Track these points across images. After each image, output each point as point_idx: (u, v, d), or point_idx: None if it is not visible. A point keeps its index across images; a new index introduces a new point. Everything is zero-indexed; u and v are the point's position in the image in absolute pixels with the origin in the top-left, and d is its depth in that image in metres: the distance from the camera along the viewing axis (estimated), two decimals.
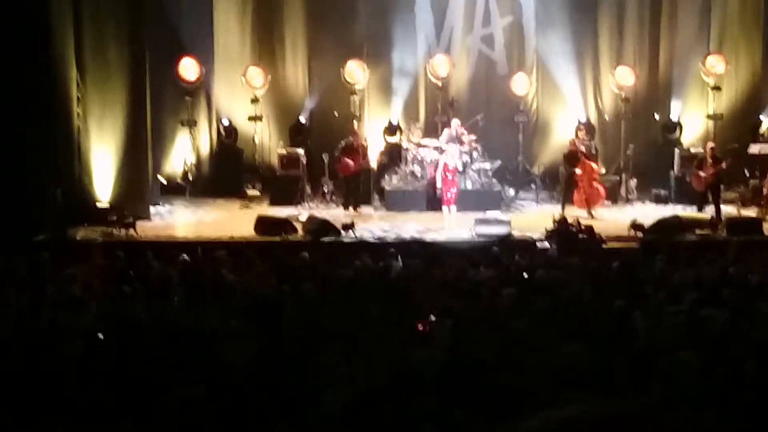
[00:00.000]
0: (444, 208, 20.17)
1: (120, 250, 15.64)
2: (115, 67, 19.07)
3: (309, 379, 8.08)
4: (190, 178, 22.24)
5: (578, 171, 20.29)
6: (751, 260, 14.26)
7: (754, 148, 21.72)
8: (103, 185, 19.10)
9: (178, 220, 20.06)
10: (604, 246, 16.76)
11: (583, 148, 20.72)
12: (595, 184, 20.43)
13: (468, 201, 20.36)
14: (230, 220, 19.69)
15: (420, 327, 10.31)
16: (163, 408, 7.44)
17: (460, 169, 20.46)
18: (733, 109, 22.62)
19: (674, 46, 22.96)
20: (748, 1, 22.66)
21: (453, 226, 18.94)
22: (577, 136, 21.65)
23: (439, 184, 20.31)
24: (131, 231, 17.98)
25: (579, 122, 22.40)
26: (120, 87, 19.08)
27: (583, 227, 17.34)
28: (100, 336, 9.76)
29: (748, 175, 21.28)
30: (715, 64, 22.28)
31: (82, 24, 18.94)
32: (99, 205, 18.96)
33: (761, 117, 22.38)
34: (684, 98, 22.74)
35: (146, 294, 12.08)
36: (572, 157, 20.58)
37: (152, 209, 20.00)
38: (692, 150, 21.71)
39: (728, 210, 19.75)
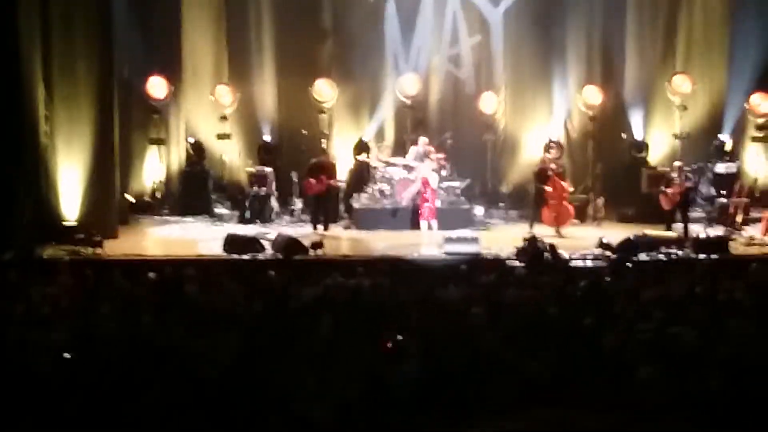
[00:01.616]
0: (422, 222, 20.16)
1: (87, 268, 15.55)
2: (83, 84, 18.99)
3: (280, 395, 8.08)
4: (159, 196, 22.21)
5: (549, 189, 20.36)
6: (718, 278, 14.33)
7: (720, 167, 21.86)
8: (71, 203, 19.00)
9: (146, 239, 19.98)
10: (569, 264, 16.83)
11: (554, 166, 20.82)
12: (564, 202, 20.51)
13: (437, 219, 20.40)
14: (198, 239, 19.65)
15: (388, 345, 10.31)
16: (133, 424, 7.43)
17: (435, 184, 20.46)
18: (699, 129, 22.78)
19: (641, 66, 23.08)
20: (713, 22, 22.83)
21: (432, 241, 18.93)
22: (547, 153, 21.74)
23: (417, 200, 20.30)
24: (99, 249, 17.90)
25: (549, 140, 22.50)
26: (88, 105, 19.00)
27: (547, 245, 17.42)
28: (68, 355, 9.70)
29: (714, 193, 21.41)
30: (681, 83, 22.43)
31: (50, 41, 18.87)
32: (66, 223, 18.87)
33: (720, 136, 22.53)
34: (651, 117, 22.89)
35: (114, 312, 12.02)
36: (542, 175, 20.66)
37: (120, 227, 19.91)
38: (660, 169, 21.84)
39: (695, 229, 19.85)
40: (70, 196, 19.02)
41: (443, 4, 23.09)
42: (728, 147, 22.47)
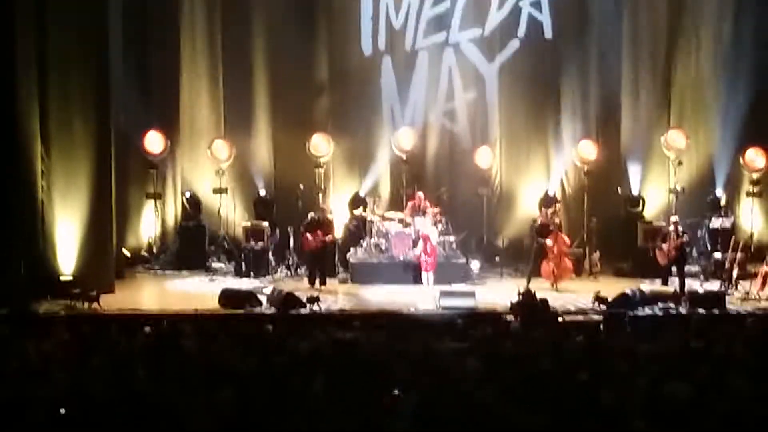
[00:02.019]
0: (423, 275, 20.14)
1: (83, 323, 15.51)
2: (80, 139, 19.06)
3: None
4: (155, 251, 22.24)
5: (549, 242, 20.38)
6: (713, 334, 14.31)
7: (716, 222, 21.91)
8: (67, 258, 19.01)
9: (142, 293, 19.97)
10: (559, 319, 16.83)
11: (557, 220, 20.89)
12: (564, 257, 20.53)
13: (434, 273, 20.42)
14: (194, 293, 19.66)
15: (384, 401, 10.28)
16: None
17: (435, 239, 20.47)
18: (694, 183, 22.87)
19: (636, 121, 23.22)
20: (706, 77, 22.98)
21: (429, 295, 18.94)
22: (548, 207, 21.79)
23: (418, 252, 20.28)
24: (95, 304, 17.89)
25: (546, 195, 22.57)
26: (85, 160, 19.05)
27: (538, 300, 17.45)
28: (63, 411, 9.67)
29: (709, 249, 21.45)
30: (676, 138, 22.57)
31: (47, 96, 18.95)
32: (62, 278, 18.86)
33: (716, 192, 22.60)
34: (646, 172, 22.97)
35: (109, 367, 11.98)
36: (544, 230, 20.71)
37: (116, 282, 19.90)
38: (655, 223, 21.89)
39: (691, 284, 19.86)
40: (67, 251, 19.03)
41: (439, 60, 23.25)
42: (723, 202, 22.51)
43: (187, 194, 22.67)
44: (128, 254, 21.77)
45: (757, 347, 12.93)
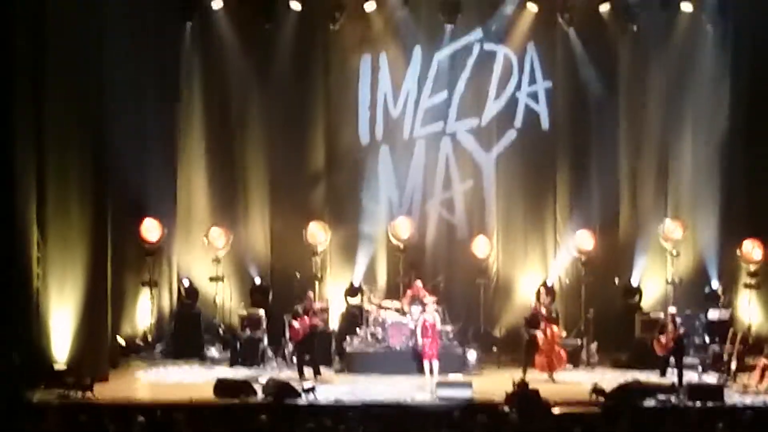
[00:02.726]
0: (426, 363, 19.99)
1: (77, 412, 15.38)
2: (77, 227, 19.07)
3: None
4: (150, 339, 22.13)
5: (540, 334, 20.31)
6: (712, 426, 14.21)
7: (713, 314, 21.85)
8: (61, 346, 18.91)
9: (136, 382, 19.82)
10: (553, 410, 16.71)
11: (544, 311, 20.80)
12: (556, 347, 20.44)
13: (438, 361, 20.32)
14: (189, 382, 19.53)
15: None
16: None
17: (439, 326, 20.37)
18: (691, 274, 22.85)
19: (633, 211, 23.28)
20: (703, 167, 23.07)
21: (425, 385, 18.84)
22: (538, 299, 21.75)
23: (420, 340, 20.10)
24: (88, 393, 17.76)
25: (542, 285, 22.54)
26: (81, 247, 19.04)
27: (532, 391, 17.36)
28: None
29: (708, 340, 21.37)
30: (673, 229, 22.61)
31: (45, 183, 19.01)
32: (56, 366, 18.75)
33: (717, 283, 22.57)
34: (644, 262, 22.96)
35: None
36: (534, 321, 20.63)
37: (111, 370, 19.77)
38: (653, 314, 21.83)
39: (690, 375, 19.75)
40: (61, 339, 18.94)
41: (436, 149, 23.40)
42: (721, 293, 22.48)
43: (185, 282, 22.62)
44: (123, 342, 21.65)
45: None
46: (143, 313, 22.39)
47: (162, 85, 22.45)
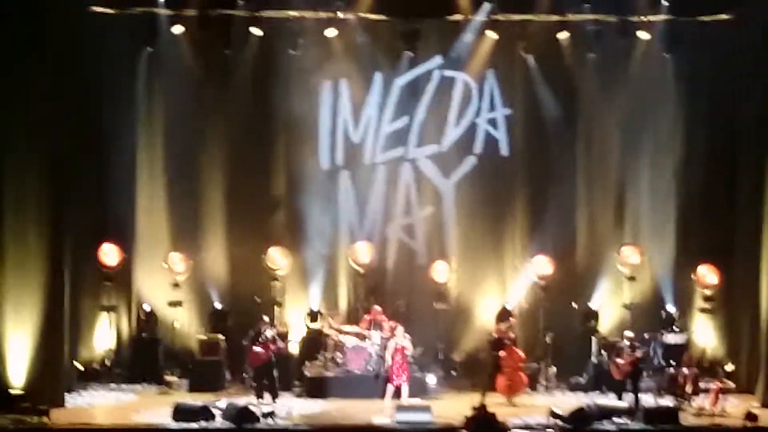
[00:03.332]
0: (389, 387, 19.92)
1: None
2: (34, 251, 18.95)
3: None
4: (108, 364, 22.03)
5: (504, 354, 20.40)
6: None
7: (669, 338, 22.00)
8: (18, 370, 18.76)
9: (94, 407, 19.71)
10: None
11: (511, 335, 20.91)
12: (519, 371, 20.53)
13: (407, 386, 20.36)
14: (148, 407, 19.44)
15: None
16: None
17: (410, 351, 20.42)
18: (648, 299, 23.03)
19: (591, 237, 23.45)
20: (660, 194, 23.27)
21: (385, 409, 18.86)
22: (500, 322, 21.85)
23: (389, 363, 20.10)
24: (44, 418, 17.67)
25: (502, 309, 22.64)
26: (39, 271, 18.93)
27: (489, 414, 17.39)
28: None
29: (663, 364, 21.52)
30: (630, 254, 22.78)
31: (2, 208, 18.93)
32: (12, 391, 18.62)
33: (668, 307, 22.75)
34: (601, 287, 23.12)
35: None
36: (498, 344, 20.74)
37: (67, 396, 19.68)
38: (610, 338, 21.96)
39: (646, 398, 19.88)
40: (17, 364, 18.79)
41: (396, 175, 23.53)
42: (676, 318, 22.66)
43: (147, 307, 22.55)
44: (81, 367, 21.54)
45: None
46: (101, 337, 22.31)
47: (121, 110, 22.44)
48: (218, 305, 22.79)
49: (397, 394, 19.90)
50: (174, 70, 22.95)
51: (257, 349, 20.00)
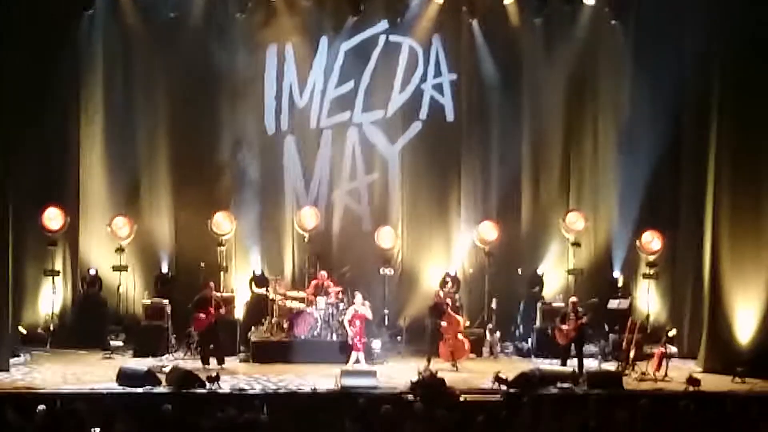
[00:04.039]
0: (353, 354, 20.12)
1: None
2: None
3: None
4: (52, 328, 21.87)
5: (444, 323, 20.50)
6: (611, 413, 14.47)
7: (613, 303, 22.18)
8: None
9: (37, 371, 19.57)
10: (460, 398, 16.89)
11: (449, 301, 20.98)
12: (460, 336, 20.64)
13: (333, 352, 20.39)
14: (92, 371, 19.37)
15: None
16: None
17: (370, 317, 20.48)
18: (592, 265, 23.23)
19: (536, 203, 23.57)
20: (604, 160, 23.42)
21: (330, 374, 18.81)
22: (442, 288, 21.95)
23: (350, 332, 20.26)
24: None
25: (446, 275, 22.72)
26: None
27: (437, 380, 17.51)
28: None
29: (607, 329, 21.71)
30: (575, 220, 22.91)
31: None
32: None
33: (614, 273, 22.96)
34: (546, 253, 23.27)
35: None
36: (437, 310, 20.80)
37: (12, 360, 19.52)
38: (554, 304, 22.12)
39: (589, 364, 20.07)
40: None
41: (343, 139, 23.45)
42: (620, 283, 22.86)
43: (93, 271, 22.38)
44: (24, 332, 21.42)
45: (651, 427, 13.13)
46: (45, 302, 22.14)
47: (63, 73, 22.11)
48: (163, 270, 22.66)
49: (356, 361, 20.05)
50: (116, 33, 22.70)
51: (201, 314, 19.98)
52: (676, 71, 22.01)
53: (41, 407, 14.44)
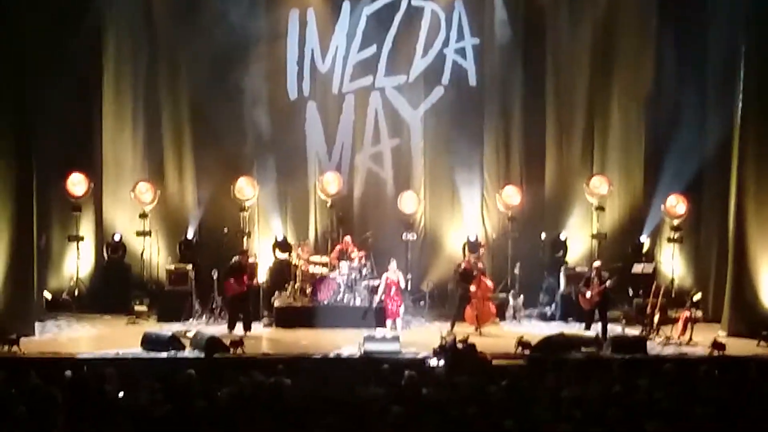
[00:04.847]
0: (388, 321, 20.18)
1: (2, 367, 15.26)
2: (1, 182, 18.85)
3: None
4: (77, 294, 21.99)
5: (473, 288, 20.47)
6: (635, 378, 14.43)
7: (638, 268, 22.12)
8: None
9: (63, 337, 19.69)
10: (491, 363, 16.87)
11: (480, 266, 20.97)
12: (487, 301, 20.63)
13: (356, 317, 20.41)
14: (117, 336, 19.47)
15: None
16: None
17: (402, 285, 20.52)
18: (616, 229, 23.15)
19: (559, 167, 23.45)
20: (628, 124, 23.28)
21: (353, 339, 18.84)
22: (471, 252, 21.90)
23: (381, 297, 20.40)
24: (14, 347, 17.63)
25: (470, 240, 22.70)
26: (6, 202, 18.86)
27: (468, 344, 17.48)
28: None
29: (631, 294, 21.66)
30: (599, 184, 22.82)
31: None
32: None
33: (641, 237, 22.88)
34: (569, 218, 23.20)
35: (28, 412, 11.80)
36: (467, 274, 20.78)
37: (37, 325, 19.63)
38: (578, 269, 22.08)
39: (613, 328, 20.04)
40: None
41: (365, 103, 23.36)
42: (645, 248, 22.77)
43: (117, 236, 22.46)
44: (50, 297, 21.52)
45: (675, 392, 13.08)
46: (70, 267, 22.24)
47: (86, 37, 22.11)
48: (187, 235, 22.69)
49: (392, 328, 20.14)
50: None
51: (234, 281, 19.99)
52: (702, 31, 21.84)
53: (68, 372, 14.53)
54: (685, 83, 22.39)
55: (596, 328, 19.79)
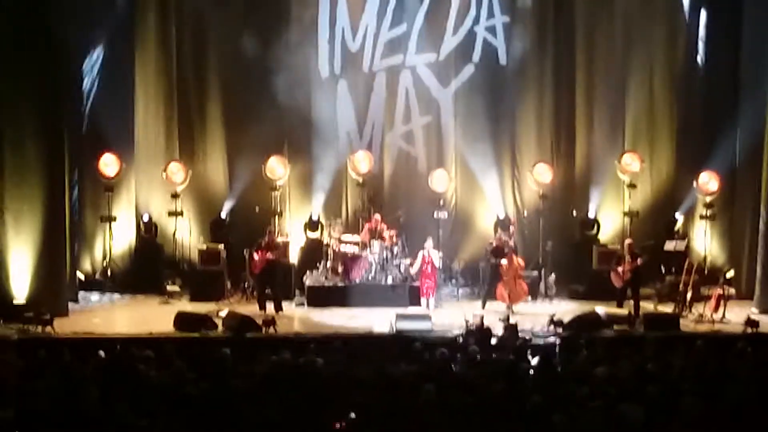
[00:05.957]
0: (422, 300, 20.23)
1: (36, 347, 15.38)
2: (33, 162, 18.94)
3: None
4: (110, 274, 22.09)
5: (504, 263, 20.42)
6: (668, 356, 14.40)
7: (670, 245, 22.03)
8: (21, 281, 18.87)
9: (96, 317, 19.79)
10: (525, 342, 16.88)
11: (511, 243, 20.94)
12: (519, 279, 20.59)
13: (388, 296, 20.43)
14: (149, 316, 19.55)
15: (337, 425, 10.28)
16: None
17: (438, 264, 20.52)
18: (648, 207, 23.03)
19: (590, 144, 23.35)
20: (660, 102, 23.17)
21: (385, 317, 18.88)
22: (503, 230, 21.85)
23: (417, 275, 20.52)
24: (48, 327, 17.74)
25: (501, 217, 22.66)
26: (38, 183, 18.94)
27: (508, 323, 17.50)
28: None
29: (664, 271, 21.56)
30: (630, 162, 22.68)
31: (0, 121, 18.85)
32: (15, 301, 18.72)
33: (676, 214, 22.77)
34: (601, 195, 23.10)
35: (61, 391, 11.88)
36: (499, 251, 20.76)
37: (70, 305, 19.75)
38: (610, 246, 22.00)
39: (646, 306, 19.96)
40: (20, 274, 18.89)
41: (396, 82, 23.29)
42: (677, 225, 22.67)
43: (145, 217, 22.56)
44: (83, 277, 21.63)
45: (708, 369, 13.04)
46: (103, 248, 22.36)
47: (117, 20, 22.18)
48: (222, 214, 22.74)
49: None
50: None
51: (258, 256, 20.05)
52: (736, 6, 21.66)
53: (101, 352, 14.63)
54: (717, 59, 22.22)
55: (628, 306, 19.71)
